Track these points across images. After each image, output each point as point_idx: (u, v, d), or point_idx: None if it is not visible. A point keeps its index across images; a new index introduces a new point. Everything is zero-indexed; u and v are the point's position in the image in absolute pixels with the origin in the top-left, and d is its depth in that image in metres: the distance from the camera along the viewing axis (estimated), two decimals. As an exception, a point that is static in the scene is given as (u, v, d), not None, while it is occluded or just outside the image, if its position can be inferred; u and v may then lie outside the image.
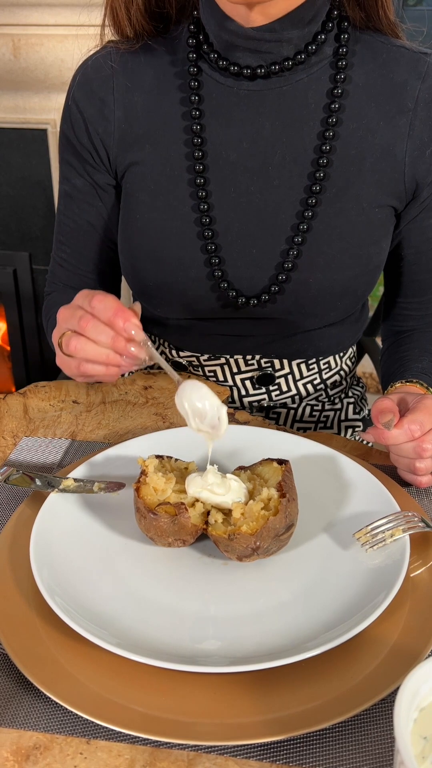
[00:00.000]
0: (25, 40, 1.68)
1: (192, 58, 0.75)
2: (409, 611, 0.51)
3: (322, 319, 0.81)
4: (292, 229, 0.76)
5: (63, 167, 0.84)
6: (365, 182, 0.75)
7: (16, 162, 1.81)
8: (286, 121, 0.74)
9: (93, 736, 0.45)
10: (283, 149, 0.74)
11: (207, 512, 0.57)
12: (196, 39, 0.75)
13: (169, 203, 0.77)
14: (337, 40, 0.74)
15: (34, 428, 0.77)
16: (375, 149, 0.74)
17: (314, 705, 0.45)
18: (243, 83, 0.74)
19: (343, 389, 0.94)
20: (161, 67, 0.77)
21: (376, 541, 0.56)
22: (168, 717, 0.44)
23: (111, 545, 0.58)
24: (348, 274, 0.77)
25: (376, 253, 0.78)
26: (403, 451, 0.63)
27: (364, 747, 0.44)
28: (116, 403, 0.82)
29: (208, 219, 0.76)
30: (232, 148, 0.75)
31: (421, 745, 0.38)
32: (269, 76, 0.73)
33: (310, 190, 0.74)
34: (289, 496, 0.55)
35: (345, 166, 0.74)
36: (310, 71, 0.74)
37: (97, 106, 0.78)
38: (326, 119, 0.74)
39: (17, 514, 0.62)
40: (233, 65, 0.73)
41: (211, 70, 0.75)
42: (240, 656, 0.48)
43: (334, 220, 0.75)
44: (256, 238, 0.76)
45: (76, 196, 0.84)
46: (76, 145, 0.81)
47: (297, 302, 0.78)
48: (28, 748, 0.44)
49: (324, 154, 0.74)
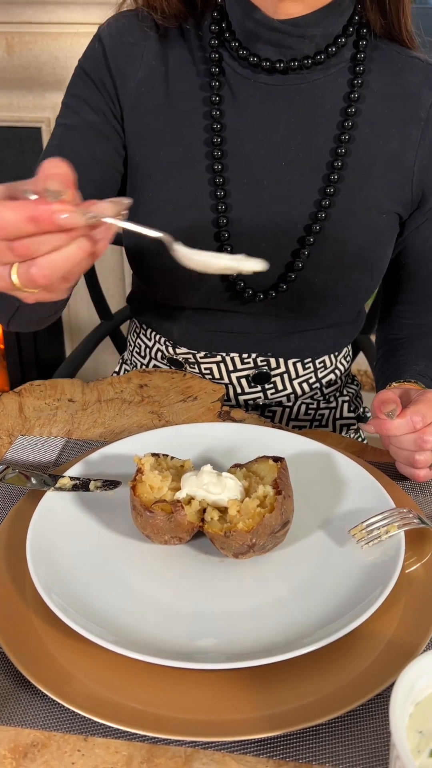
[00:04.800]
0: (18, 38, 1.68)
1: (214, 45, 0.75)
2: (404, 607, 0.52)
3: (322, 320, 0.82)
4: (305, 229, 0.76)
5: (73, 102, 0.79)
6: (374, 187, 0.75)
7: (10, 160, 1.80)
8: (301, 119, 0.75)
9: (90, 733, 0.45)
10: (297, 147, 0.75)
11: (203, 510, 0.57)
12: (219, 26, 0.75)
13: (184, 186, 0.76)
14: (356, 45, 0.75)
15: (30, 427, 0.77)
16: (385, 156, 0.75)
17: (311, 700, 0.45)
18: (261, 76, 0.74)
19: (338, 388, 0.94)
20: (186, 48, 0.77)
21: (371, 537, 0.56)
22: (165, 713, 0.45)
23: (107, 543, 0.59)
24: (352, 277, 0.77)
25: (380, 258, 0.79)
26: (404, 443, 0.63)
27: (360, 742, 0.44)
28: (112, 402, 0.82)
29: (224, 206, 0.75)
30: (248, 140, 0.75)
31: (417, 739, 0.38)
32: (287, 72, 0.73)
33: (324, 192, 0.75)
34: (285, 494, 0.55)
35: (356, 170, 0.75)
36: (327, 72, 0.74)
37: (124, 58, 0.76)
38: (343, 123, 0.74)
39: (13, 512, 0.62)
40: (253, 56, 0.73)
41: (231, 59, 0.75)
42: (237, 653, 0.48)
43: (343, 222, 0.76)
44: (265, 231, 0.76)
45: (85, 130, 0.78)
46: (96, 81, 0.77)
47: (300, 301, 0.79)
48: (26, 745, 0.44)
49: (339, 157, 0.74)
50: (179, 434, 0.70)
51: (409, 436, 0.62)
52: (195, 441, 0.69)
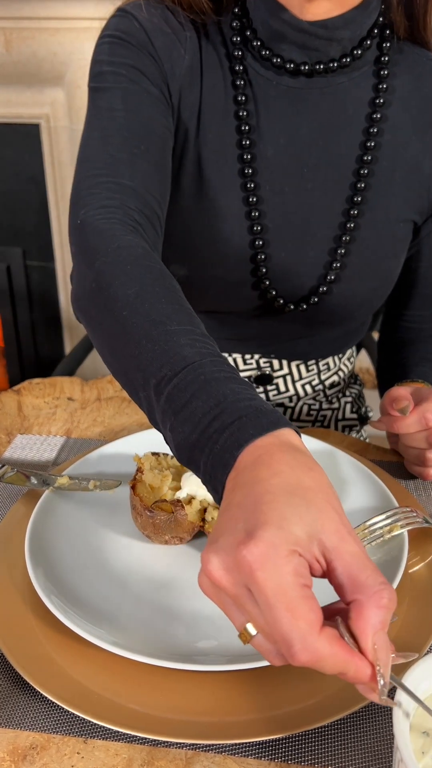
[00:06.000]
0: (17, 33, 1.67)
1: (236, 42, 0.72)
2: (407, 607, 0.51)
3: (335, 328, 0.81)
4: (335, 241, 0.74)
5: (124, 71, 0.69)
6: (394, 195, 0.74)
7: (8, 157, 1.80)
8: (324, 123, 0.72)
9: (90, 736, 0.44)
10: (319, 152, 0.73)
11: (204, 509, 0.57)
12: (241, 24, 0.72)
13: (222, 190, 0.73)
14: (379, 48, 0.73)
15: (29, 426, 0.77)
16: (405, 163, 0.73)
17: (313, 702, 0.45)
18: (284, 78, 0.72)
19: (341, 389, 0.93)
20: (212, 46, 0.73)
21: (374, 537, 0.55)
22: (165, 716, 0.44)
23: (107, 543, 0.58)
24: (369, 286, 0.76)
25: (396, 266, 0.78)
26: (415, 440, 0.63)
27: (363, 744, 0.44)
28: (111, 400, 0.81)
29: (257, 213, 0.73)
30: (271, 143, 0.73)
31: (421, 740, 0.38)
32: (312, 75, 0.71)
33: (352, 201, 0.73)
34: (287, 493, 0.55)
35: (380, 178, 0.74)
36: (350, 76, 0.72)
37: (168, 45, 0.70)
38: (368, 129, 0.72)
39: (12, 512, 0.61)
40: (276, 57, 0.70)
41: (253, 59, 0.72)
42: (238, 654, 0.48)
43: (368, 231, 0.74)
44: (292, 240, 0.75)
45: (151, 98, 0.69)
46: (147, 54, 0.69)
47: (317, 310, 0.77)
48: (25, 748, 0.44)
49: (365, 165, 0.72)
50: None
51: (421, 434, 0.62)
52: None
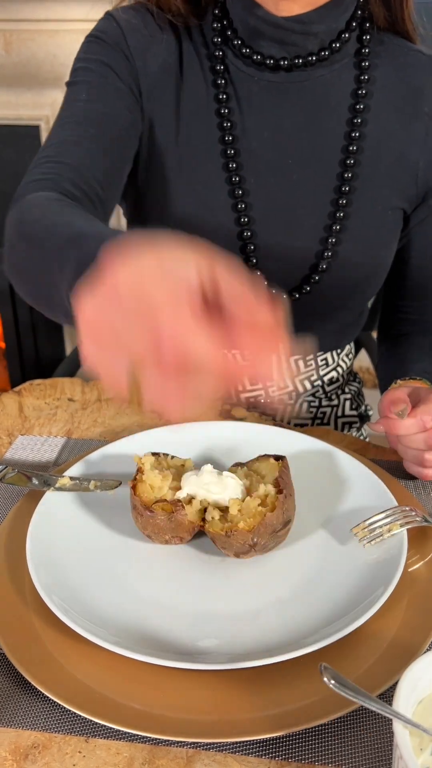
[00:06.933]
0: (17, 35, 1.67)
1: (217, 42, 0.74)
2: (407, 606, 0.51)
3: (327, 319, 0.81)
4: (325, 230, 0.75)
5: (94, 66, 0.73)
6: (380, 184, 0.75)
7: (9, 158, 1.80)
8: (307, 116, 0.74)
9: (92, 735, 0.45)
10: (303, 144, 0.74)
11: (204, 509, 0.57)
12: (221, 23, 0.74)
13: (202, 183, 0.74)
14: (359, 40, 0.74)
15: (30, 426, 0.77)
16: (391, 152, 0.74)
17: (313, 700, 0.45)
18: (264, 74, 0.73)
19: (340, 385, 0.94)
20: (193, 47, 0.76)
21: (373, 536, 0.56)
22: (167, 714, 0.44)
23: (108, 543, 0.58)
24: (359, 275, 0.77)
25: (387, 255, 0.78)
26: (413, 442, 0.63)
27: (363, 741, 0.44)
28: (112, 401, 0.82)
29: (243, 205, 0.74)
30: (254, 137, 0.74)
31: (420, 737, 0.38)
32: (291, 69, 0.72)
33: (340, 191, 0.74)
34: (286, 492, 0.55)
35: (366, 168, 0.75)
36: (331, 68, 0.73)
37: (143, 44, 0.73)
38: (352, 119, 0.74)
39: (13, 512, 0.61)
40: (256, 54, 0.72)
41: (234, 57, 0.74)
42: (239, 653, 0.48)
43: (357, 220, 0.75)
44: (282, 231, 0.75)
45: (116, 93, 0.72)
46: (119, 52, 0.73)
47: (313, 302, 0.78)
48: (27, 747, 0.44)
49: (351, 155, 0.74)
50: (180, 433, 0.70)
51: (419, 435, 0.62)
52: (196, 440, 0.69)
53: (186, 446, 0.67)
